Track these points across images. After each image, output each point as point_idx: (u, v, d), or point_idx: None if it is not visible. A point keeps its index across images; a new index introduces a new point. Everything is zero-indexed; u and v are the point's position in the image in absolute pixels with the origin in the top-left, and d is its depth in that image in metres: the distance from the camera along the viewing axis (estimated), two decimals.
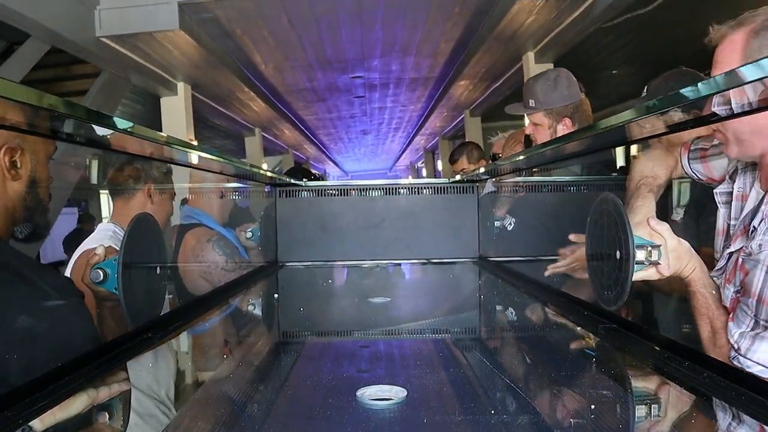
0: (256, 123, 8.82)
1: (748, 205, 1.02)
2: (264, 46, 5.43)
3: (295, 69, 6.34)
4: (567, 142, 1.14)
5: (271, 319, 1.52)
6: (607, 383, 0.83)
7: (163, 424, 0.75)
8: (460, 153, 3.19)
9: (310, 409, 0.74)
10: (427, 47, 5.82)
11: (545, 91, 1.77)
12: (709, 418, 0.71)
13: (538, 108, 1.79)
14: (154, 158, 1.34)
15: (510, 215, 1.92)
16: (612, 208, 1.03)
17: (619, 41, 5.90)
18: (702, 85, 0.67)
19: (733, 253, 1.02)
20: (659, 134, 1.05)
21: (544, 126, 1.79)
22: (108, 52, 4.29)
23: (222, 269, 1.75)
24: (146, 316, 1.11)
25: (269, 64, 6.05)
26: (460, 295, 1.84)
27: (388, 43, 5.63)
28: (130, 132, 0.87)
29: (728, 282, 1.01)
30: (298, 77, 6.74)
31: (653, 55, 6.39)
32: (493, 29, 4.79)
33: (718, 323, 0.99)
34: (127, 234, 1.07)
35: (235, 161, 1.60)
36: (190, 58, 5.00)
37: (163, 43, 4.50)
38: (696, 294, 1.01)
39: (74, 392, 0.75)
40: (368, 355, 1.06)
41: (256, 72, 6.28)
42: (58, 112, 0.68)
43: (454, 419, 0.69)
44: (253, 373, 0.97)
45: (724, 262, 1.05)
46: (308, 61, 6.06)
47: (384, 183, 2.26)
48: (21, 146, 0.94)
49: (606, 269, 1.05)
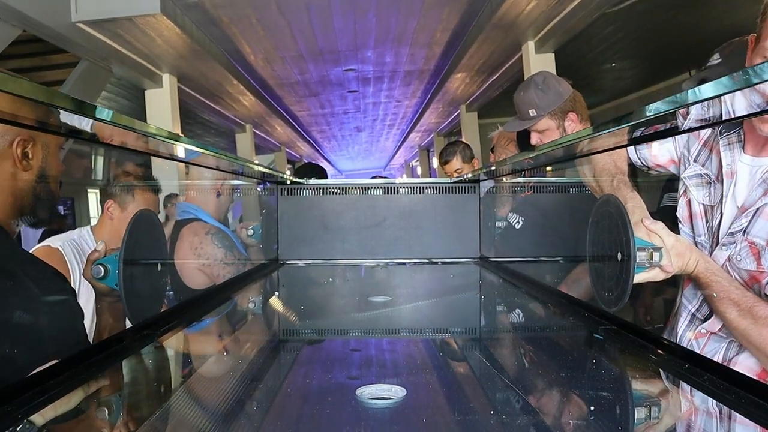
0: (246, 119, 8.59)
1: (741, 179, 1.04)
2: (252, 35, 5.21)
3: (285, 60, 6.12)
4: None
5: (271, 317, 1.53)
6: (607, 385, 0.82)
7: (161, 421, 0.73)
8: (453, 153, 3.03)
9: (309, 407, 0.74)
10: (422, 37, 5.62)
11: (541, 96, 1.77)
12: (707, 420, 0.70)
13: (541, 115, 1.78)
14: (140, 151, 1.31)
15: (514, 214, 1.92)
16: (613, 209, 1.04)
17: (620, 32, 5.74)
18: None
19: (746, 230, 1.02)
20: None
21: (552, 129, 1.78)
22: (86, 39, 4.06)
23: (221, 262, 1.75)
24: (147, 312, 1.12)
25: (258, 55, 5.83)
26: (460, 294, 1.84)
27: (382, 31, 5.42)
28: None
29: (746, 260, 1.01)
30: (289, 69, 6.53)
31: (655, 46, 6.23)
32: (492, 16, 4.59)
33: (746, 302, 0.98)
34: (128, 230, 1.07)
35: (234, 158, 1.60)
36: (175, 47, 4.77)
37: (145, 30, 4.28)
38: (711, 284, 1.01)
39: (69, 390, 0.75)
40: (368, 354, 1.07)
41: (245, 63, 6.06)
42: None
43: (453, 419, 0.69)
44: (251, 371, 0.97)
45: (733, 241, 1.04)
46: (299, 52, 5.84)
47: (385, 182, 2.28)
48: (32, 137, 0.96)
49: (607, 271, 1.06)
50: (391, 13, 4.93)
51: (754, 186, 1.03)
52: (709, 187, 1.12)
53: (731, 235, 1.05)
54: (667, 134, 1.10)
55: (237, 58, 5.80)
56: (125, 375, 0.88)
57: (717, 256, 1.07)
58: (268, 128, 9.94)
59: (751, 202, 1.03)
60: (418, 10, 4.88)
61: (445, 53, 6.25)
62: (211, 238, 1.75)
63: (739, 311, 0.98)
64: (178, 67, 5.40)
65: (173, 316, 1.19)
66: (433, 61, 6.63)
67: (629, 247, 0.96)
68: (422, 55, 6.34)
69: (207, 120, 8.41)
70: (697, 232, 1.13)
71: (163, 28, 4.27)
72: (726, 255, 1.05)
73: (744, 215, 1.03)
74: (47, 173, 1.09)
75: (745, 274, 1.02)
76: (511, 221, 1.91)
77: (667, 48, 6.14)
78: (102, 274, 1.01)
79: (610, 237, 1.05)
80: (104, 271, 1.01)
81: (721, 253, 1.06)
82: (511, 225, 1.92)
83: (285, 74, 6.74)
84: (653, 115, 0.78)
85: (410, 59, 6.46)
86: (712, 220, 1.10)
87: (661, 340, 0.96)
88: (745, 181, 1.05)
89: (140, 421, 0.71)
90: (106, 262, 1.02)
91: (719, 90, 0.59)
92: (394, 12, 4.90)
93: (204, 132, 9.91)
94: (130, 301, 1.04)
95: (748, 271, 1.02)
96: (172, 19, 4.13)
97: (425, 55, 6.35)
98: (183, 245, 1.70)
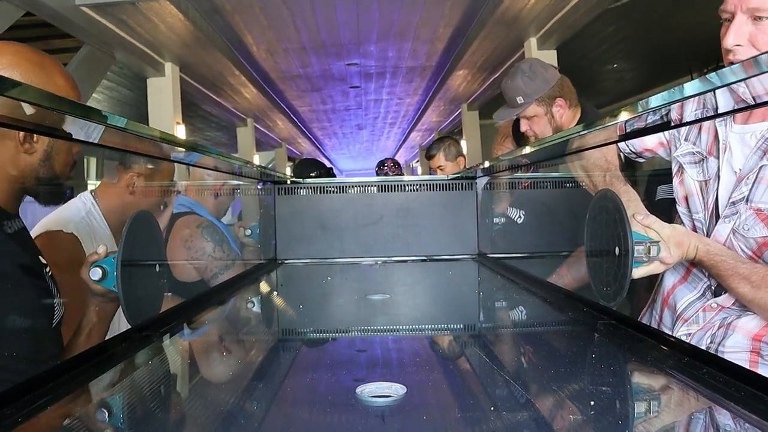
0: (248, 112, 8.60)
1: (735, 149, 1.04)
2: (256, 26, 5.22)
3: (288, 53, 6.13)
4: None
5: (270, 315, 1.54)
6: (606, 380, 0.82)
7: (161, 421, 0.74)
8: (438, 149, 3.07)
9: (309, 406, 0.75)
10: (425, 32, 5.63)
11: (527, 83, 1.79)
12: (706, 414, 0.71)
13: (528, 101, 1.79)
14: (140, 153, 1.32)
15: (513, 209, 1.94)
16: (611, 204, 1.04)
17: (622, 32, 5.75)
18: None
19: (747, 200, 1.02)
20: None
21: (540, 115, 1.80)
22: (88, 23, 4.07)
23: (210, 256, 1.75)
24: (146, 314, 1.12)
25: (261, 46, 5.84)
26: (459, 291, 1.85)
27: (384, 25, 5.43)
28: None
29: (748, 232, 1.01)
30: (292, 62, 6.54)
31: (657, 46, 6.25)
32: (495, 10, 4.60)
33: (757, 274, 0.98)
34: (126, 232, 1.06)
35: (232, 158, 1.61)
36: (178, 35, 4.78)
37: (149, 16, 4.28)
38: (716, 264, 1.01)
39: (66, 393, 0.75)
40: (367, 352, 1.07)
41: (248, 55, 6.07)
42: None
43: (454, 416, 0.70)
44: (250, 370, 0.97)
45: (735, 211, 1.04)
46: (302, 44, 5.85)
47: (383, 180, 2.28)
48: None
49: (605, 265, 1.06)
50: (394, 6, 4.94)
51: (750, 153, 1.03)
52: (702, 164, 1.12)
53: (733, 205, 1.04)
54: (663, 128, 1.10)
55: (240, 49, 5.80)
56: (124, 377, 0.88)
57: (719, 231, 1.05)
58: (269, 123, 9.95)
59: (748, 169, 1.03)
60: (421, 4, 4.90)
61: (447, 49, 6.26)
62: (202, 231, 1.76)
63: (752, 285, 0.98)
64: (181, 56, 5.41)
65: (172, 316, 1.20)
66: (435, 57, 6.65)
67: (627, 241, 0.96)
68: (424, 51, 6.35)
69: (208, 113, 8.42)
70: (694, 210, 1.13)
71: (167, 14, 4.27)
72: (730, 227, 1.04)
73: (744, 183, 1.03)
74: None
75: (754, 243, 1.01)
76: (512, 216, 1.92)
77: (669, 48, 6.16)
78: (100, 276, 1.00)
79: (608, 232, 1.05)
80: (102, 273, 1.00)
81: (723, 226, 1.05)
82: (510, 220, 1.94)
83: (287, 67, 6.75)
84: (644, 111, 0.79)
85: (412, 54, 6.47)
86: (708, 196, 1.10)
87: (660, 334, 0.96)
88: (738, 150, 1.05)
89: (140, 421, 0.72)
90: (104, 263, 1.01)
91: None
92: (397, 5, 4.91)
93: (205, 126, 9.91)
94: (128, 303, 1.04)
95: (756, 239, 1.00)
96: (176, 5, 4.13)
97: (427, 51, 6.36)
98: (175, 238, 1.71)
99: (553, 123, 1.79)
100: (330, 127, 11.85)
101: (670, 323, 1.16)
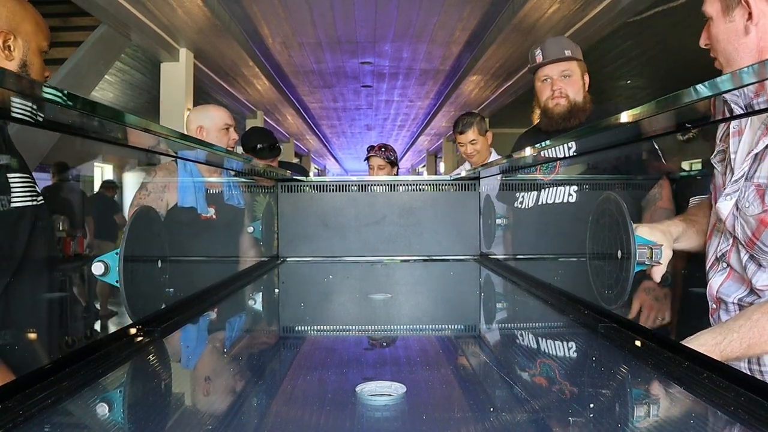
0: (259, 104, 8.60)
1: (746, 133, 1.04)
2: (273, 17, 5.23)
3: (303, 47, 6.14)
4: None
5: (271, 313, 1.54)
6: (606, 382, 0.82)
7: (161, 419, 0.72)
8: (469, 124, 2.75)
9: (308, 404, 0.74)
10: (442, 34, 5.63)
11: (573, 46, 1.85)
12: (705, 419, 0.70)
13: (575, 57, 1.83)
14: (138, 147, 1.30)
15: (513, 212, 1.94)
16: (614, 207, 1.03)
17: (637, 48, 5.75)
18: None
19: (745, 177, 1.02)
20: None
21: (577, 76, 1.82)
22: (107, 2, 4.08)
23: (163, 191, 1.81)
24: (148, 309, 1.12)
25: (276, 39, 5.84)
26: (460, 292, 1.84)
27: (402, 25, 5.43)
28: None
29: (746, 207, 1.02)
30: (306, 57, 6.54)
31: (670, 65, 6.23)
32: (513, 18, 4.60)
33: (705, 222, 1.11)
34: (129, 227, 1.07)
35: (234, 155, 1.58)
36: (195, 20, 4.78)
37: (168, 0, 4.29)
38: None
39: (70, 389, 0.75)
40: (368, 351, 1.08)
41: (263, 46, 6.07)
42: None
43: (453, 416, 0.69)
44: (249, 367, 0.97)
45: (737, 188, 1.04)
46: (317, 39, 5.85)
47: (385, 179, 2.29)
48: (13, 32, 1.11)
49: (607, 268, 1.06)
50: (413, 6, 4.94)
51: (755, 131, 1.01)
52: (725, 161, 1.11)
53: (735, 182, 1.03)
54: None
55: (255, 40, 5.81)
56: (126, 373, 0.88)
57: (720, 208, 1.04)
58: (279, 117, 9.95)
59: (752, 145, 1.01)
60: (439, 6, 4.90)
61: (462, 54, 6.26)
62: (166, 172, 1.81)
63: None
64: (196, 42, 5.42)
65: (174, 312, 1.20)
66: (449, 61, 6.65)
67: (629, 244, 0.96)
68: (440, 54, 6.35)
69: (219, 102, 8.43)
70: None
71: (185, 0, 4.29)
72: (731, 204, 1.02)
73: (745, 161, 1.01)
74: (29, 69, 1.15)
75: (753, 222, 0.99)
76: (516, 215, 1.91)
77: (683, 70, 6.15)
78: (102, 270, 1.00)
79: (611, 234, 1.04)
80: (105, 268, 1.00)
81: (724, 203, 1.03)
82: (511, 222, 1.93)
83: (301, 61, 6.76)
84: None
85: (427, 57, 6.47)
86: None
87: (660, 338, 0.95)
88: (748, 132, 1.04)
89: (141, 417, 0.71)
90: (106, 258, 1.00)
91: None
92: (416, 5, 4.92)
93: None
94: (130, 298, 1.04)
95: (754, 216, 0.98)
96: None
97: (442, 54, 6.36)
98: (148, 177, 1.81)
99: (582, 91, 1.81)
100: (339, 125, 11.86)
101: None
